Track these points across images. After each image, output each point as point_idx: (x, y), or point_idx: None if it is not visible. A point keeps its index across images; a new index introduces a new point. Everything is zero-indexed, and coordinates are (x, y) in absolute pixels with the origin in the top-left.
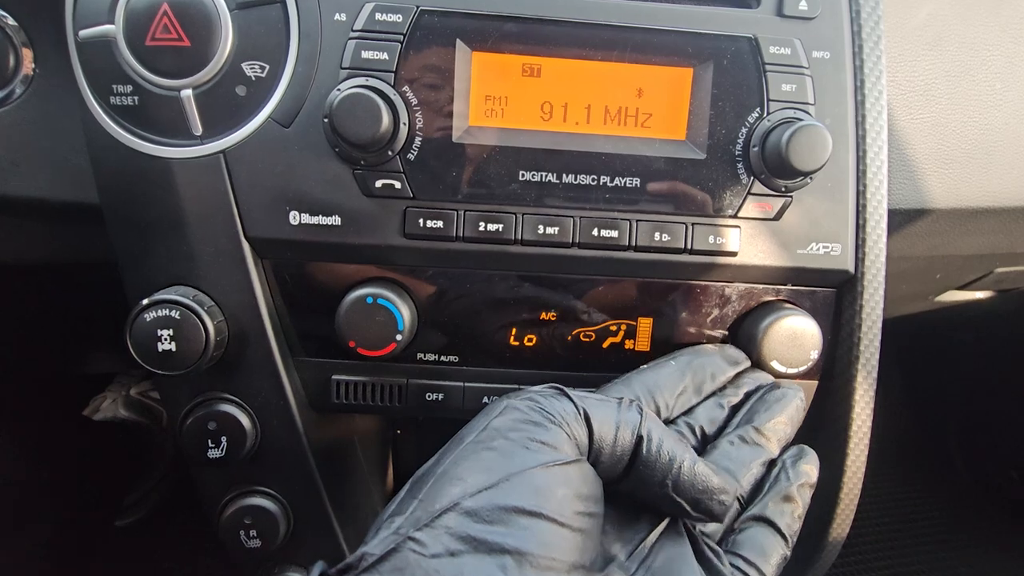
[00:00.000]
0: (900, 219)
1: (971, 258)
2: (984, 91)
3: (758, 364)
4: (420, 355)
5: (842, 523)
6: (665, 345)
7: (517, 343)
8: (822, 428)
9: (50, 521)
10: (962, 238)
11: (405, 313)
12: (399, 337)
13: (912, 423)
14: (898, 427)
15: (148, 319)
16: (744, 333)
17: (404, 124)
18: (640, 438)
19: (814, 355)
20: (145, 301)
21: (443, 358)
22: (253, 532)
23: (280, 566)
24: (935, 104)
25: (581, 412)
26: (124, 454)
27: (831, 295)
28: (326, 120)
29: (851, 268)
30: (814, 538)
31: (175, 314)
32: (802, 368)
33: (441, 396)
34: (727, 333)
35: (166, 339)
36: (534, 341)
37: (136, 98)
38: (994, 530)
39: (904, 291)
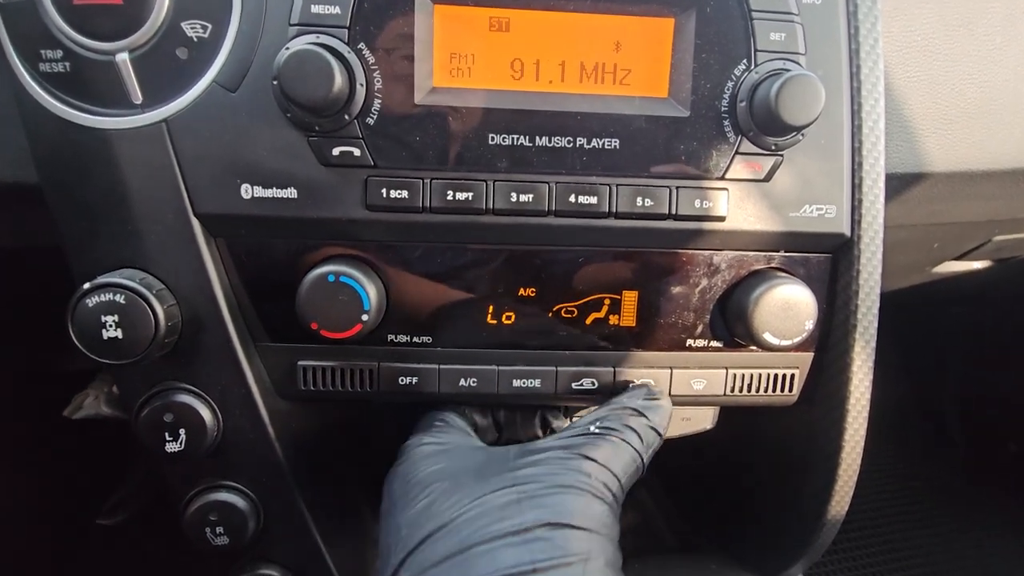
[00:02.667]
0: (897, 184)
1: (969, 225)
2: (984, 46)
3: (750, 337)
4: (391, 337)
5: (841, 499)
6: (652, 320)
7: (494, 321)
8: (818, 402)
9: (31, 522)
10: (961, 204)
11: (371, 292)
12: (365, 317)
13: (910, 396)
14: (895, 400)
15: (90, 304)
16: (734, 305)
17: (361, 85)
18: None
19: (809, 325)
20: (87, 285)
21: (415, 339)
22: (220, 529)
23: (253, 563)
24: (933, 60)
25: None
26: (108, 452)
27: (826, 261)
28: (275, 82)
29: (847, 231)
30: (814, 515)
31: (120, 299)
32: (796, 340)
33: (415, 380)
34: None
35: (111, 326)
36: (512, 319)
37: (67, 64)
38: (992, 502)
39: (901, 262)
